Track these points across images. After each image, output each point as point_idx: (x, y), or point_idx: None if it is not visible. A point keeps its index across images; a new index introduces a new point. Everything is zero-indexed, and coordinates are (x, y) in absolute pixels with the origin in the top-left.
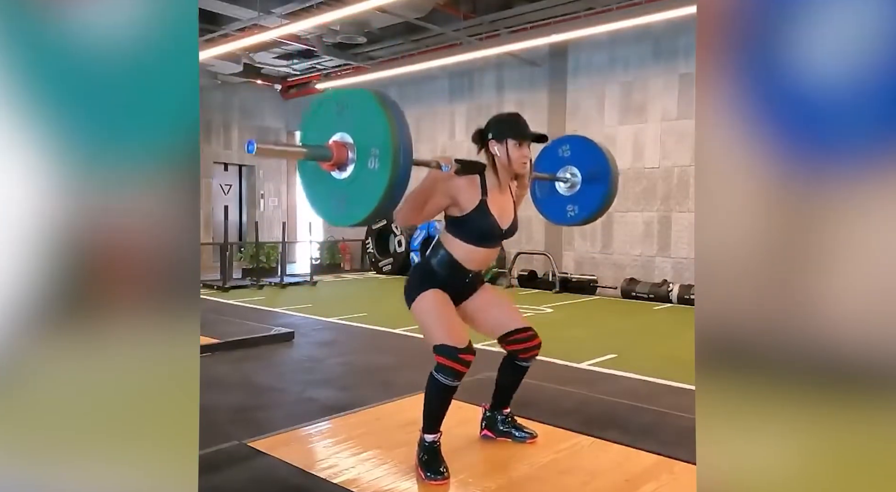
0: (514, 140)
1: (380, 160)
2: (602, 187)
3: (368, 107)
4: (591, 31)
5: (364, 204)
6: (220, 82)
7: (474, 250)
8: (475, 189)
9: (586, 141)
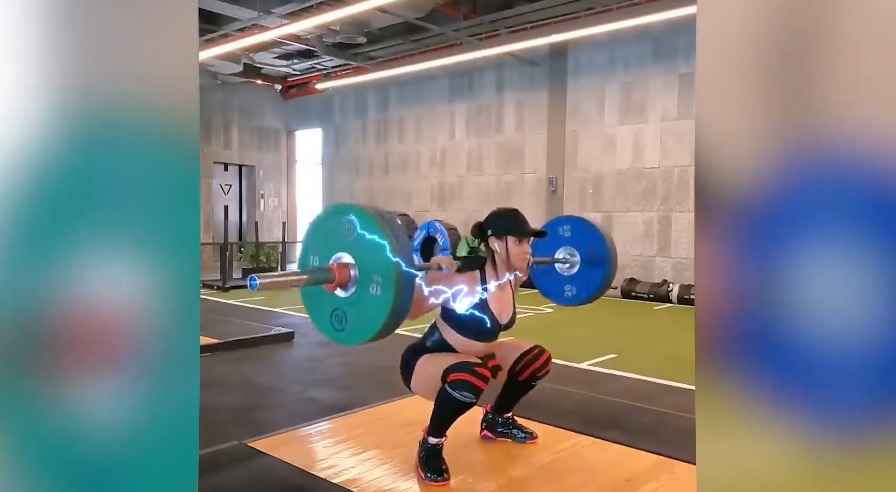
0: (513, 237)
1: (382, 288)
2: (601, 271)
3: (372, 231)
4: (591, 31)
5: (366, 327)
6: (220, 82)
7: (471, 344)
8: (475, 287)
9: (586, 223)
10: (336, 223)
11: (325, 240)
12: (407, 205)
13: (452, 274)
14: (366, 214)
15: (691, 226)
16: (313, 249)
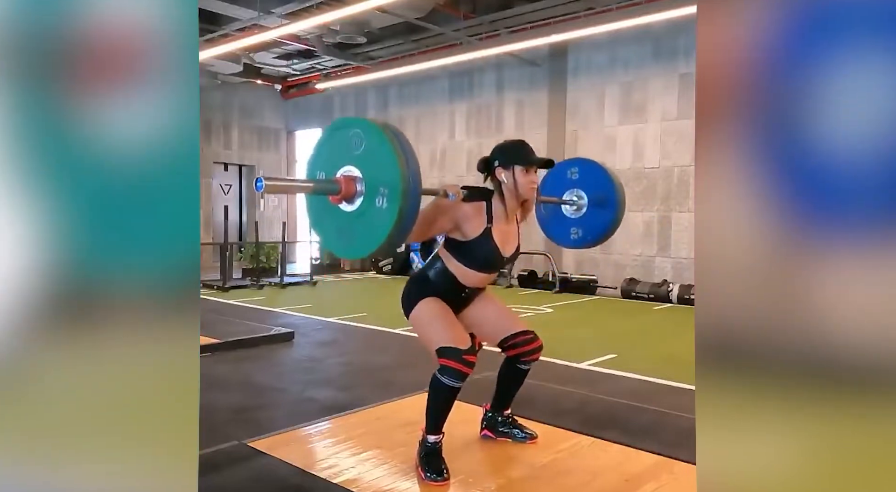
0: (521, 166)
1: (388, 200)
2: (609, 214)
3: (378, 142)
4: (591, 31)
5: (371, 240)
6: (220, 82)
7: (473, 274)
8: (481, 217)
9: (595, 165)
10: (343, 138)
11: (331, 155)
12: None
13: (459, 203)
14: (373, 128)
15: (691, 226)
16: (319, 166)
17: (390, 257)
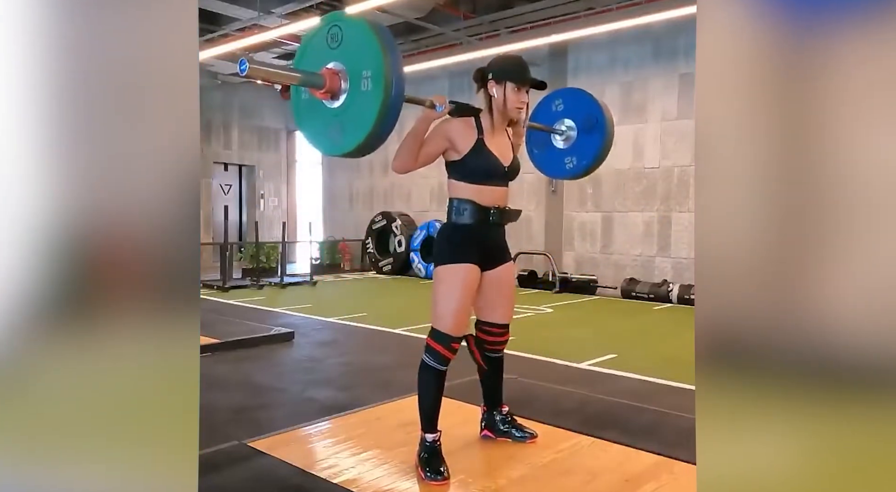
0: (513, 83)
1: (372, 81)
2: (599, 136)
3: (359, 32)
4: (591, 31)
5: (359, 129)
6: (220, 82)
7: (483, 189)
8: (471, 130)
9: (579, 92)
10: (322, 37)
11: (314, 56)
12: (407, 205)
13: (447, 119)
14: (350, 19)
15: (691, 226)
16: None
17: (390, 258)
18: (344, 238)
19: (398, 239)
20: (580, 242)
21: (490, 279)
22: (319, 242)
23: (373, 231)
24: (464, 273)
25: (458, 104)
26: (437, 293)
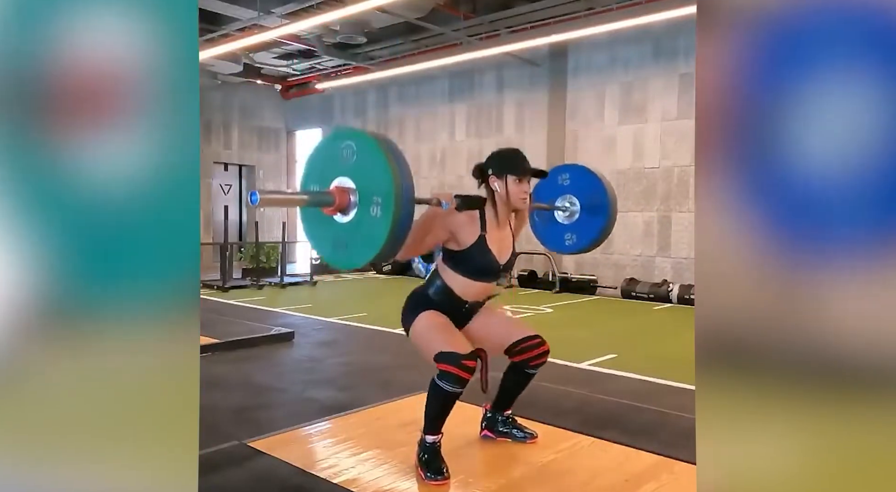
0: (513, 176)
1: (382, 209)
2: (601, 219)
3: (371, 152)
4: (591, 31)
5: (366, 250)
6: (220, 82)
7: (471, 284)
8: (474, 225)
9: (586, 171)
10: (335, 149)
11: (324, 167)
12: None
13: (452, 212)
14: (364, 138)
15: (691, 226)
16: (313, 177)
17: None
18: None
19: None
20: None
21: (475, 325)
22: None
23: None
24: (430, 314)
25: (462, 198)
26: (420, 341)
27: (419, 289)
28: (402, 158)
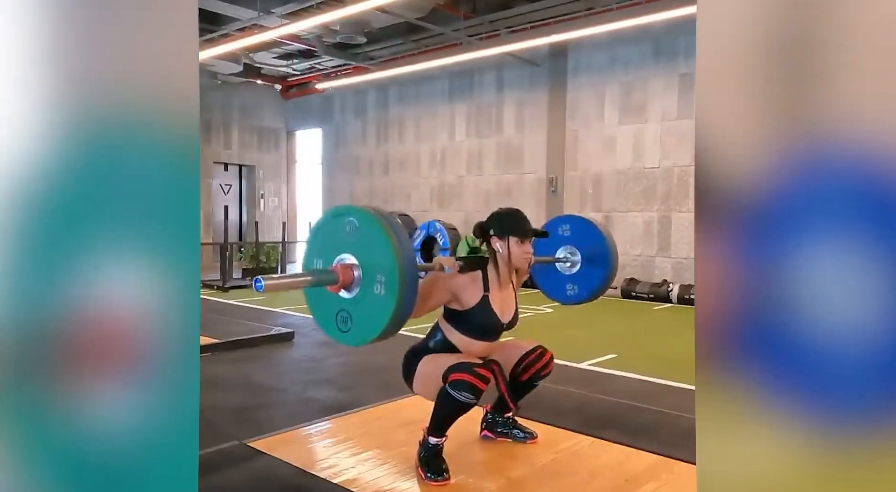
0: (515, 237)
1: (386, 288)
2: (602, 270)
3: (371, 229)
4: (591, 31)
5: (370, 327)
6: (220, 82)
7: (473, 343)
8: (477, 286)
9: (585, 222)
10: (337, 225)
11: (327, 243)
12: (407, 205)
13: (454, 274)
14: (366, 215)
15: (691, 226)
16: (316, 252)
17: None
18: None
19: None
20: None
21: None
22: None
23: None
24: (428, 357)
25: (465, 260)
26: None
27: (417, 344)
28: (403, 234)
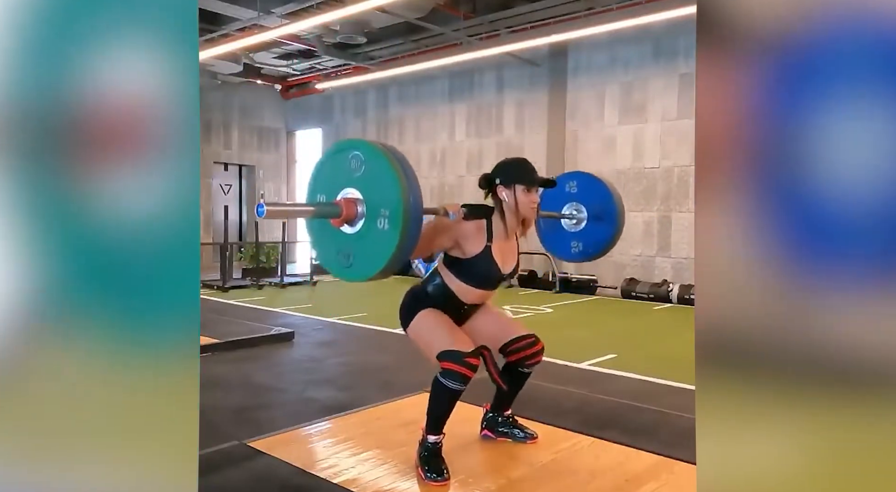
0: (522, 186)
1: (390, 222)
2: (609, 226)
3: (379, 164)
4: (591, 31)
5: (372, 263)
6: (220, 82)
7: (471, 291)
8: (481, 235)
9: (594, 179)
10: (342, 160)
11: (331, 177)
12: None
13: (460, 221)
14: (372, 149)
15: (691, 226)
16: (320, 187)
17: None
18: None
19: None
20: None
21: (471, 323)
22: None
23: None
24: (430, 312)
25: (470, 208)
26: (420, 339)
27: (417, 286)
28: (410, 170)
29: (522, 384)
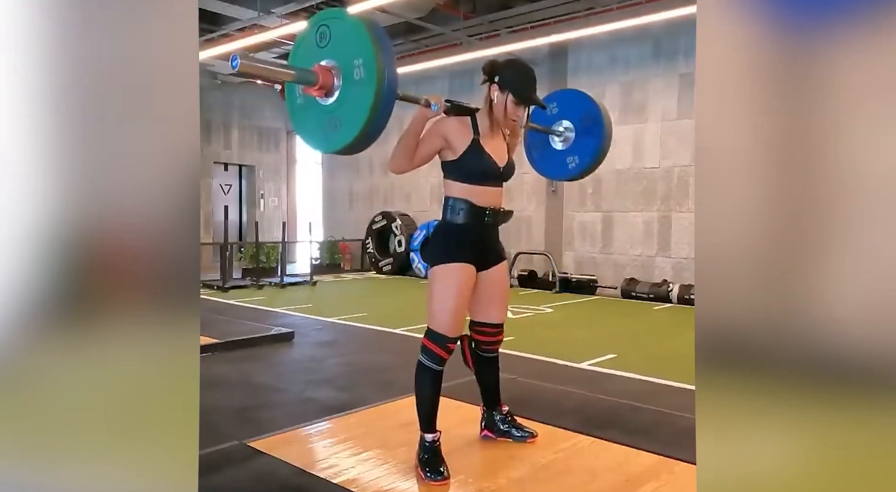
0: (514, 97)
1: (364, 68)
2: (598, 133)
3: (347, 26)
4: (591, 31)
5: (355, 122)
6: (220, 82)
7: (478, 189)
8: (467, 129)
9: (573, 92)
10: (313, 37)
11: (305, 59)
12: (407, 205)
13: (443, 117)
14: (336, 13)
15: (691, 226)
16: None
17: (390, 258)
18: (344, 238)
19: (398, 239)
20: (580, 242)
21: (484, 279)
22: (319, 243)
23: (373, 231)
24: (459, 273)
25: (453, 103)
26: (433, 293)
27: (443, 220)
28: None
29: (496, 371)
